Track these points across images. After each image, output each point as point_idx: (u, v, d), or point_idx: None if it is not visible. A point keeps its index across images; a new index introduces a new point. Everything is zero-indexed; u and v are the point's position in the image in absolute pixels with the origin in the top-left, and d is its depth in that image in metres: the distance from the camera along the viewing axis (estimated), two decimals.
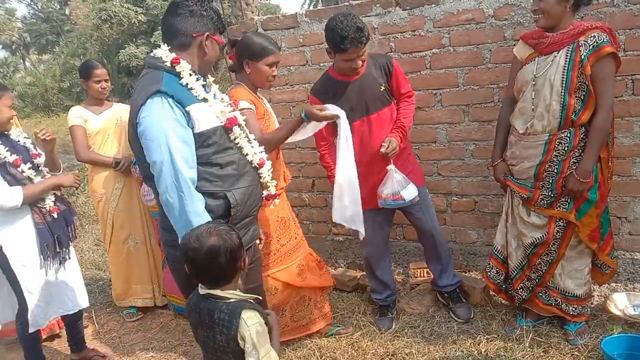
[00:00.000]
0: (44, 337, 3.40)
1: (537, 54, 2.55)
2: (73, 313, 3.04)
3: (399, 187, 2.83)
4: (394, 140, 2.82)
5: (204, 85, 2.06)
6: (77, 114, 3.55)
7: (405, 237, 3.81)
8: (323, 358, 2.92)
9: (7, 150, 2.74)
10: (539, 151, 2.58)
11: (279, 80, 3.83)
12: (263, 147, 2.25)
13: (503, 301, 3.15)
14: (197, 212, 1.90)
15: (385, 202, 2.87)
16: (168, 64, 1.98)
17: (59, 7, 36.25)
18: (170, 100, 1.89)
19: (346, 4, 3.57)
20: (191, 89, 1.98)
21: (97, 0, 18.72)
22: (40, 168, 2.92)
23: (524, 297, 2.83)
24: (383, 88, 2.85)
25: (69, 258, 2.98)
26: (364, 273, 3.80)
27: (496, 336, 2.89)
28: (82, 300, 3.06)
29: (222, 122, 2.03)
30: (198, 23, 2.01)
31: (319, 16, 3.59)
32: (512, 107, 2.72)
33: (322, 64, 3.65)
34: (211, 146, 1.98)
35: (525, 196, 2.67)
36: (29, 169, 2.78)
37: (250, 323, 1.68)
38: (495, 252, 2.94)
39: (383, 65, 2.85)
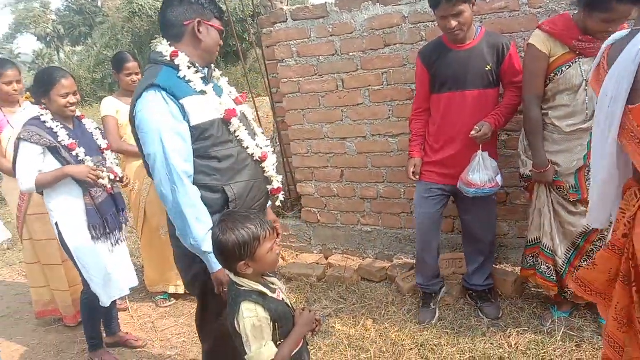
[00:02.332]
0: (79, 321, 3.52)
1: (576, 55, 2.50)
2: None
3: (494, 173, 2.77)
4: (488, 125, 2.72)
5: (204, 78, 2.03)
6: (110, 105, 3.63)
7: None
8: (351, 347, 2.94)
9: (67, 135, 2.85)
10: (586, 141, 2.54)
11: (308, 70, 3.84)
12: (265, 140, 2.22)
13: (533, 294, 3.11)
14: (191, 204, 1.89)
15: (482, 191, 2.76)
16: (168, 57, 1.97)
17: None
18: (164, 93, 1.88)
19: None
20: (189, 81, 1.96)
21: None
22: (105, 160, 3.03)
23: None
24: (489, 68, 2.75)
25: (123, 240, 3.10)
26: (392, 264, 3.81)
27: (527, 329, 2.86)
28: (133, 279, 3.17)
29: (221, 115, 2.00)
30: (187, 10, 1.97)
31: (348, 6, 3.57)
32: (541, 106, 2.67)
33: (351, 54, 3.63)
34: (208, 139, 1.96)
35: (576, 199, 2.64)
36: (85, 155, 2.88)
37: (247, 315, 1.67)
38: (545, 250, 2.83)
39: (497, 46, 2.75)
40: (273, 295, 1.77)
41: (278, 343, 1.73)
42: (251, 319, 1.67)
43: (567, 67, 2.53)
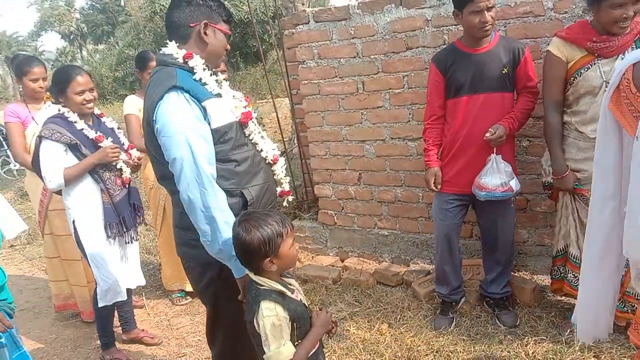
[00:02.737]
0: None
1: (594, 57, 2.47)
2: None
3: (508, 177, 2.74)
4: (502, 128, 2.71)
5: (216, 80, 2.01)
6: (132, 103, 3.67)
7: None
8: (366, 351, 2.92)
9: (92, 129, 2.88)
10: None
11: (329, 72, 3.83)
12: (271, 142, 2.20)
13: (552, 302, 3.06)
14: (220, 208, 1.84)
15: (493, 194, 2.74)
16: (180, 60, 1.92)
17: None
18: (187, 95, 1.83)
19: None
20: (205, 84, 1.92)
21: None
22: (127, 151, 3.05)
23: None
24: (505, 71, 2.74)
25: (136, 239, 3.11)
26: (409, 268, 3.78)
27: (544, 338, 2.82)
28: (140, 278, 3.19)
29: (237, 118, 1.97)
30: (194, 12, 1.93)
31: (370, 8, 3.56)
32: (560, 112, 2.64)
33: (372, 56, 3.62)
34: (228, 142, 1.93)
35: None
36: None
37: (266, 314, 1.68)
38: (572, 258, 2.78)
39: (513, 50, 2.74)
40: (291, 295, 1.78)
41: (295, 343, 1.74)
42: (271, 317, 1.68)
43: (586, 69, 2.51)
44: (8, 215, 2.43)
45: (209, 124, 1.88)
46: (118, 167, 2.95)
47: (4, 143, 10.27)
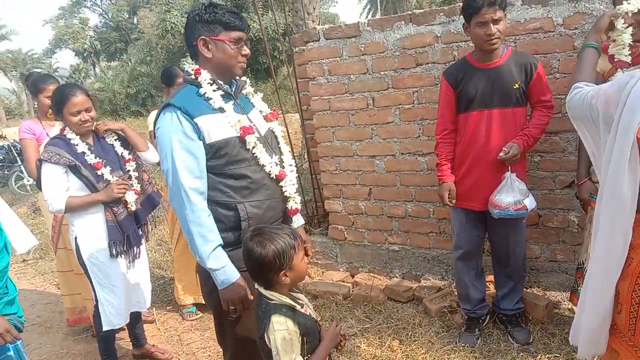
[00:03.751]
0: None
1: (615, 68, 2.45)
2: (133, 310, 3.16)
3: (522, 195, 2.71)
4: (516, 147, 2.69)
5: (227, 94, 2.06)
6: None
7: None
8: None
9: (92, 153, 2.86)
10: None
11: (339, 88, 3.86)
12: (290, 158, 2.23)
13: (565, 319, 3.02)
14: (197, 222, 1.94)
15: (506, 212, 2.71)
16: (193, 76, 2.03)
17: (127, 16, 38.04)
18: (178, 112, 1.93)
19: (409, 13, 3.56)
20: (209, 98, 1.99)
21: (162, 10, 19.50)
22: (129, 172, 3.01)
23: None
24: (517, 86, 2.71)
25: (139, 257, 3.07)
26: (420, 284, 3.76)
27: (558, 355, 2.78)
28: (147, 300, 3.18)
29: (238, 133, 2.01)
30: (193, 31, 2.00)
31: (380, 25, 3.59)
32: None
33: (382, 73, 3.65)
34: (223, 157, 1.99)
35: None
36: (111, 172, 2.87)
37: (278, 328, 1.68)
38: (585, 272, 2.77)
39: (525, 65, 2.72)
40: (301, 309, 1.79)
41: (305, 358, 1.73)
42: (281, 332, 1.68)
43: (618, 74, 2.47)
44: (19, 230, 2.46)
45: (204, 139, 1.96)
46: (126, 199, 2.91)
47: (18, 159, 10.41)
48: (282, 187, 2.14)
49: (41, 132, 3.51)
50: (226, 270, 1.95)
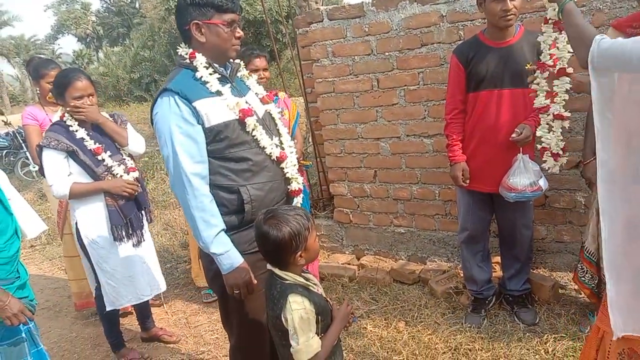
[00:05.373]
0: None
1: None
2: None
3: (536, 176, 2.67)
4: (528, 128, 2.65)
5: (223, 77, 2.03)
6: None
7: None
8: (383, 349, 2.92)
9: (91, 139, 2.86)
10: None
11: (343, 69, 3.83)
12: (292, 140, 2.21)
13: (571, 299, 3.03)
14: (200, 207, 1.92)
15: (523, 195, 2.65)
16: (187, 60, 1.99)
17: (129, 0, 37.75)
18: (176, 97, 1.90)
19: None
20: (205, 82, 1.96)
21: None
22: (124, 159, 2.99)
23: None
24: (529, 66, 2.64)
25: (143, 240, 3.07)
26: (425, 266, 3.76)
27: (564, 335, 2.79)
28: (161, 284, 3.19)
29: (237, 116, 1.99)
30: (184, 15, 1.96)
31: (385, 5, 3.54)
32: None
33: (387, 54, 3.61)
34: (223, 141, 1.96)
35: None
36: (110, 157, 2.89)
37: (295, 307, 1.69)
38: (589, 255, 2.74)
39: (538, 44, 2.65)
40: (314, 289, 1.81)
41: (320, 336, 1.76)
42: (299, 311, 1.70)
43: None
44: (29, 216, 2.47)
45: (203, 123, 1.94)
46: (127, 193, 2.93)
47: (23, 145, 10.43)
48: (283, 168, 2.12)
49: (44, 118, 3.50)
50: (230, 255, 1.94)
